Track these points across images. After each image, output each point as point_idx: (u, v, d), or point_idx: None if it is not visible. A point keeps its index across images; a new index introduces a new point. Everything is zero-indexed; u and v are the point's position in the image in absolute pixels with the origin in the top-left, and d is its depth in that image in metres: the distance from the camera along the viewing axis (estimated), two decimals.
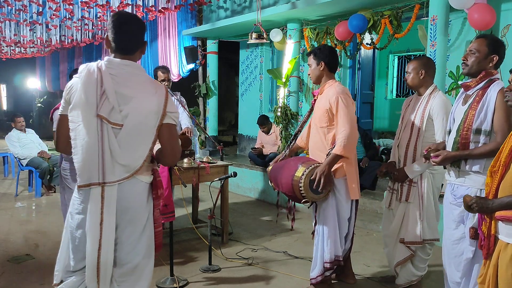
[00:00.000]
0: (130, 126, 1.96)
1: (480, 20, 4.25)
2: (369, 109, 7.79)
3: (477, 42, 2.43)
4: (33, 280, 3.41)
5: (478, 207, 1.95)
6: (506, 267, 1.83)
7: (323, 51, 3.10)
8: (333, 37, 6.06)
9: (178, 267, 3.66)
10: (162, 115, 2.01)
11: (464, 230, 2.43)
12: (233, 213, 5.47)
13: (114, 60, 2.00)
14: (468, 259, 2.41)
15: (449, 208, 2.54)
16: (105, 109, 1.93)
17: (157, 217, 2.17)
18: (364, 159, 5.61)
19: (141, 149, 2.01)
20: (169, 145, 2.07)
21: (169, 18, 8.85)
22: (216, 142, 5.65)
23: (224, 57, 9.62)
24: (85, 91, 1.92)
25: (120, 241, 2.05)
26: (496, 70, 2.43)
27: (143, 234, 2.10)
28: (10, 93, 20.19)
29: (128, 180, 2.00)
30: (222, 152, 4.62)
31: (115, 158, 1.96)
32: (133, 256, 2.07)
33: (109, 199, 1.98)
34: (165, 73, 4.50)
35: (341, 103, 2.93)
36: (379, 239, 4.52)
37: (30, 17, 8.29)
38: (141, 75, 2.05)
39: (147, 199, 2.10)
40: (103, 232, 1.98)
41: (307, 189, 2.87)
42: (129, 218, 2.04)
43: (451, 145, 2.49)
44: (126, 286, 2.09)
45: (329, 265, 3.06)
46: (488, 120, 2.34)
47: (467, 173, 2.41)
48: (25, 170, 6.73)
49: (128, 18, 2.03)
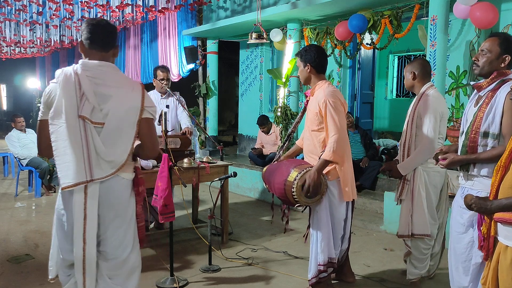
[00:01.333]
0: (111, 123, 2.08)
1: (482, 18, 4.24)
2: (369, 109, 7.78)
3: (489, 42, 2.34)
4: (33, 280, 3.41)
5: (477, 208, 1.95)
6: (507, 270, 1.81)
7: (309, 53, 3.03)
8: (333, 37, 6.06)
9: (178, 267, 3.66)
10: (141, 110, 2.14)
11: (473, 234, 2.38)
12: (233, 213, 5.47)
13: (89, 62, 2.11)
14: (477, 264, 2.36)
15: (459, 211, 2.48)
16: (86, 110, 2.03)
17: (139, 212, 2.31)
18: (364, 159, 5.61)
19: (124, 144, 2.12)
20: (149, 138, 2.21)
21: (169, 18, 8.85)
22: (216, 142, 5.65)
23: (224, 57, 9.63)
24: (65, 95, 2.02)
25: (106, 237, 2.15)
26: (510, 70, 2.34)
27: (129, 229, 2.22)
28: (10, 93, 20.20)
29: (111, 177, 2.11)
30: (222, 152, 4.61)
31: (100, 155, 2.07)
32: (121, 251, 2.18)
33: (92, 194, 2.08)
34: (164, 72, 4.50)
35: (329, 107, 2.87)
36: (379, 239, 4.52)
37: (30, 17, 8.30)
38: (117, 74, 2.17)
39: (129, 195, 2.22)
40: (87, 227, 2.08)
41: (300, 193, 2.83)
42: (114, 214, 2.15)
43: (460, 148, 2.45)
44: (119, 280, 2.20)
45: (322, 268, 3.02)
46: (496, 123, 2.25)
47: (476, 177, 2.36)
48: (25, 170, 6.73)
49: (100, 20, 2.20)
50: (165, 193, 3.12)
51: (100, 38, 2.13)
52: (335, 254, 3.09)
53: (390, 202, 4.67)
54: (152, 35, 9.56)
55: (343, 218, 3.10)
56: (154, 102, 4.44)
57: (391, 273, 3.62)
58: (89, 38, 2.12)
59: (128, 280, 2.24)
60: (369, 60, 7.53)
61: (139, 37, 10.04)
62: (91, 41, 2.12)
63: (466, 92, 5.10)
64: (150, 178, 3.74)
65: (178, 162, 3.96)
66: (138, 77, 10.08)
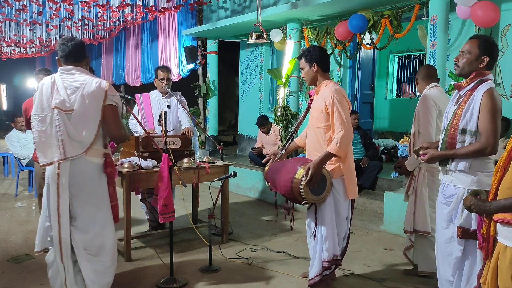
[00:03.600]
0: (78, 109, 2.58)
1: (483, 17, 4.25)
2: (369, 109, 7.79)
3: (469, 44, 2.46)
4: (33, 280, 3.40)
5: (476, 209, 1.96)
6: (506, 270, 1.82)
7: (314, 53, 3.10)
8: (333, 37, 6.06)
9: (178, 267, 3.66)
10: (104, 98, 2.61)
11: (453, 230, 2.47)
12: (233, 213, 5.47)
13: (64, 68, 2.69)
14: (458, 258, 2.45)
15: (440, 207, 2.60)
16: (57, 101, 2.57)
17: (112, 193, 2.77)
18: (364, 159, 5.61)
19: (90, 126, 2.60)
20: (112, 121, 2.64)
21: (169, 18, 8.85)
22: (216, 142, 5.65)
23: (224, 57, 9.62)
24: (43, 93, 2.63)
25: (79, 213, 2.64)
26: (489, 70, 2.45)
27: (100, 207, 2.69)
28: (10, 93, 20.19)
29: (81, 160, 2.59)
30: (222, 152, 4.61)
31: (71, 136, 2.57)
32: (92, 226, 2.67)
33: (64, 172, 2.56)
34: (164, 72, 4.50)
35: (337, 104, 2.96)
36: (379, 239, 4.52)
37: (30, 17, 8.30)
38: (85, 73, 2.69)
39: (99, 177, 2.69)
40: (60, 203, 2.57)
41: (307, 191, 2.88)
42: (84, 193, 2.63)
43: (440, 144, 2.57)
44: (93, 251, 2.69)
45: (327, 264, 3.07)
46: (473, 120, 2.37)
47: (453, 172, 2.47)
48: (25, 170, 6.73)
49: (71, 38, 2.74)
50: (165, 193, 3.12)
51: (73, 54, 2.67)
52: (339, 251, 3.15)
53: (390, 202, 4.67)
54: (152, 35, 9.57)
55: (346, 216, 3.17)
56: (155, 102, 4.53)
57: (391, 273, 3.62)
58: (63, 56, 2.67)
59: (102, 251, 2.71)
60: (369, 60, 7.53)
61: (139, 37, 10.04)
62: (66, 58, 2.67)
63: None
64: (150, 178, 3.75)
65: (178, 162, 3.96)
66: (138, 77, 10.08)
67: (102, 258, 2.73)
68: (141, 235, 4.38)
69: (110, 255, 2.76)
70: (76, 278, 2.69)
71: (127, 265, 3.75)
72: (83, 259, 2.67)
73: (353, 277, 3.55)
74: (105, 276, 2.78)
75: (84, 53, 2.75)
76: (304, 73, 3.16)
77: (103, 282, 2.77)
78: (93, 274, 2.71)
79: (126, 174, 3.66)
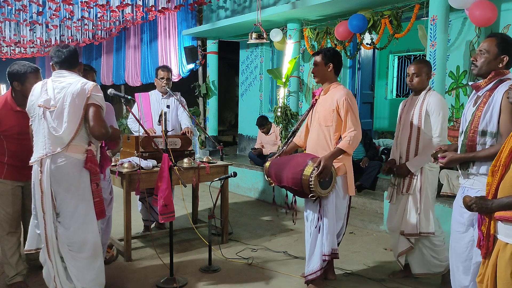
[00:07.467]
0: (60, 106, 2.65)
1: (481, 16, 4.24)
2: (369, 109, 7.79)
3: (487, 42, 2.36)
4: (33, 280, 3.40)
5: (477, 207, 1.96)
6: (505, 266, 1.83)
7: (333, 53, 3.22)
8: (333, 37, 6.06)
9: (178, 267, 3.66)
10: (88, 97, 2.66)
11: (473, 233, 2.39)
12: (233, 213, 5.47)
13: (57, 71, 2.79)
14: (478, 263, 2.34)
15: (459, 211, 2.49)
16: (43, 100, 2.67)
17: (94, 189, 2.78)
18: (364, 159, 5.61)
19: (71, 123, 2.65)
20: (95, 119, 2.66)
21: (169, 18, 8.85)
22: (216, 142, 5.65)
23: (224, 57, 9.62)
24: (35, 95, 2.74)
25: (62, 209, 2.70)
26: (508, 70, 2.37)
27: (81, 203, 2.71)
28: None
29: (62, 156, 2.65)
30: (222, 152, 4.62)
31: (53, 132, 2.65)
32: (73, 221, 2.70)
33: (45, 169, 2.63)
34: (165, 71, 4.50)
35: (350, 106, 3.09)
36: (379, 239, 4.52)
37: (30, 17, 8.29)
38: (74, 76, 2.76)
39: (79, 173, 2.71)
40: (44, 200, 2.64)
41: (317, 183, 2.97)
42: (64, 189, 2.67)
43: (460, 147, 2.48)
44: (75, 247, 2.73)
45: (327, 258, 3.16)
46: (493, 122, 2.29)
47: (475, 175, 2.38)
48: None
49: (66, 45, 2.83)
50: (165, 193, 3.12)
51: (67, 61, 2.77)
52: (337, 245, 3.27)
53: None
54: (152, 35, 9.56)
55: (344, 212, 3.29)
56: (155, 101, 4.53)
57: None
58: (58, 62, 2.77)
59: (83, 247, 2.73)
60: (369, 60, 7.53)
61: (139, 37, 10.03)
62: (60, 64, 2.77)
63: (466, 92, 5.10)
64: (150, 178, 3.75)
65: (178, 162, 3.96)
66: (138, 77, 10.07)
67: (83, 255, 2.75)
68: (141, 235, 4.38)
69: (91, 251, 2.76)
70: (66, 275, 2.74)
71: (127, 265, 3.75)
72: (67, 256, 2.73)
73: (353, 277, 3.55)
74: (88, 273, 2.76)
75: (77, 60, 2.86)
76: (317, 69, 3.22)
77: (87, 279, 2.76)
78: (76, 271, 2.74)
79: (126, 174, 3.66)
